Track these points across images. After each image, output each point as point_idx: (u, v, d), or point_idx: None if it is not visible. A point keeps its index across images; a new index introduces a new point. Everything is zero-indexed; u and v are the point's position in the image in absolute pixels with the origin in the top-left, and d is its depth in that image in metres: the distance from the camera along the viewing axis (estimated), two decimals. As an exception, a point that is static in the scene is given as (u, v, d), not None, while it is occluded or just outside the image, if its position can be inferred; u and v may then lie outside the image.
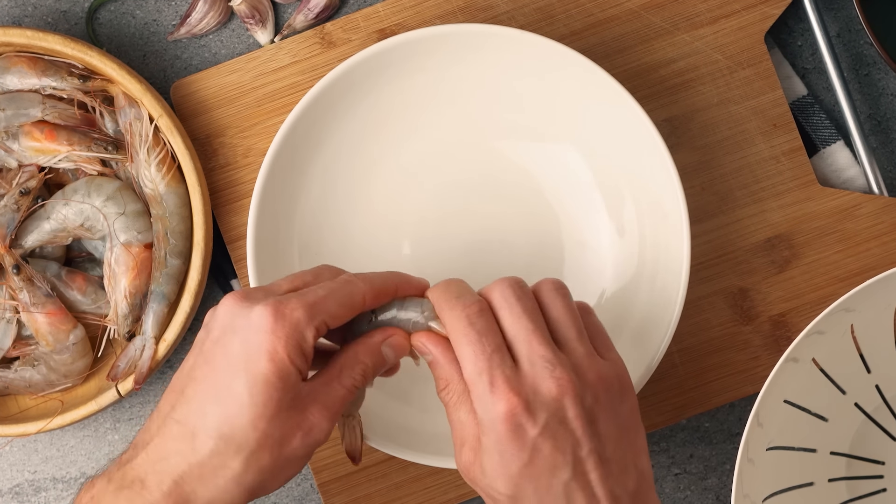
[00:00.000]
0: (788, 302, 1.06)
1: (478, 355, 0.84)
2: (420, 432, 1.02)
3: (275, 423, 0.82)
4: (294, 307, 0.83)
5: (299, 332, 0.83)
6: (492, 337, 0.84)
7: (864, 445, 1.04)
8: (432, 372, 0.87)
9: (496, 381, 0.83)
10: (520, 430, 0.83)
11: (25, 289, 1.02)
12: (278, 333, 0.82)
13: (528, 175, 1.04)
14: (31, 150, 1.02)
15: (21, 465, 1.08)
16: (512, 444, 0.83)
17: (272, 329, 0.82)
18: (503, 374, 0.83)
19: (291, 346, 0.82)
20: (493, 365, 0.83)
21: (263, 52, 1.05)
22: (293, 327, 0.83)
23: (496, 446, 0.83)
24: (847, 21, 1.09)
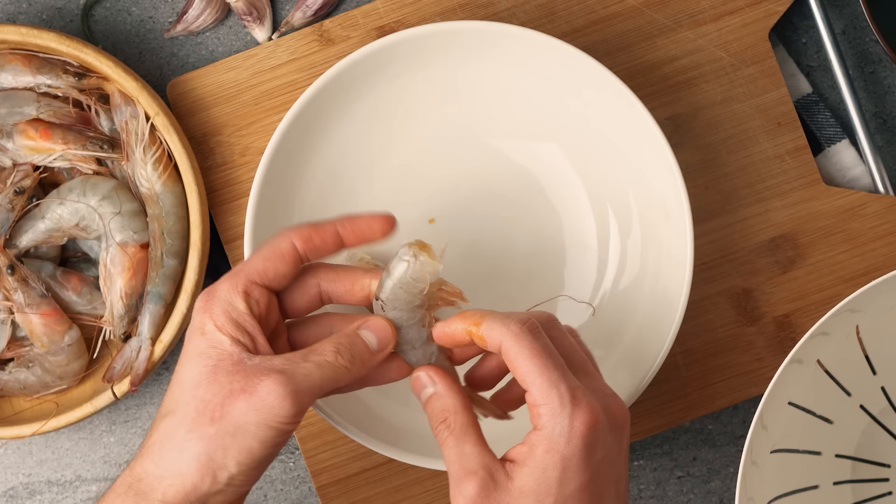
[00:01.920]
0: (793, 303, 1.06)
1: (551, 368, 0.81)
2: (420, 435, 1.02)
3: (210, 387, 0.82)
4: (219, 282, 0.85)
5: (226, 302, 0.84)
6: (557, 355, 0.83)
7: (869, 448, 1.04)
8: (428, 407, 0.86)
9: (577, 393, 0.81)
10: (592, 448, 0.81)
11: (20, 289, 1.01)
12: (205, 308, 0.84)
13: (528, 174, 1.04)
14: (26, 148, 1.02)
15: (16, 467, 1.08)
16: (581, 462, 0.81)
17: (201, 307, 0.84)
18: (580, 387, 0.81)
19: (219, 316, 0.83)
20: (569, 377, 0.81)
21: (261, 49, 1.05)
22: (219, 299, 0.84)
23: (561, 462, 0.80)
24: (852, 18, 1.08)
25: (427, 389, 0.86)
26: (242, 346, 0.83)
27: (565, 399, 0.81)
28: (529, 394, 0.82)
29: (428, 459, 1.00)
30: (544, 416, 0.81)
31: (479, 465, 0.82)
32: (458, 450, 0.83)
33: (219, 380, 0.82)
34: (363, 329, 0.86)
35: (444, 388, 0.85)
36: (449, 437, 0.84)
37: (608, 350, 1.02)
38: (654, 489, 1.08)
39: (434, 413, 0.85)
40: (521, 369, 0.82)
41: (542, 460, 0.81)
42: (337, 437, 1.06)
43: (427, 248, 0.85)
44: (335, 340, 0.85)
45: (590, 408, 0.81)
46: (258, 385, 0.81)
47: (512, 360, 0.82)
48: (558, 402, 0.81)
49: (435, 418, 0.85)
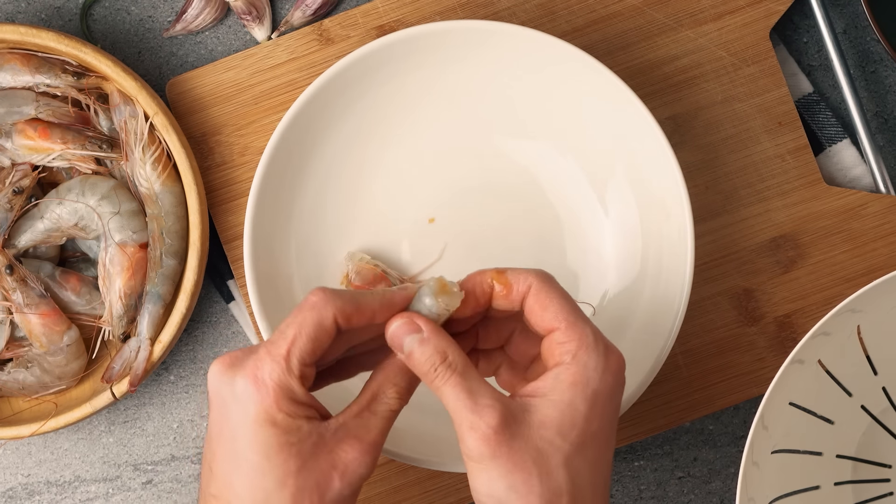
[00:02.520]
0: (794, 303, 1.06)
1: (579, 310, 0.83)
2: (420, 435, 1.02)
3: (303, 474, 0.81)
4: (268, 367, 0.81)
5: (284, 388, 0.81)
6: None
7: (870, 448, 1.04)
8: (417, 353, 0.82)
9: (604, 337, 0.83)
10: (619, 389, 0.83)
11: (19, 289, 1.01)
12: (264, 395, 0.81)
13: (529, 174, 1.04)
14: (25, 148, 1.02)
15: (14, 468, 1.08)
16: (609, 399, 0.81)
17: (254, 397, 0.81)
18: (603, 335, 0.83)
19: (282, 402, 0.81)
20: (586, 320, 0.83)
21: (260, 48, 1.05)
22: (274, 383, 0.81)
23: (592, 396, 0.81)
24: (853, 17, 1.08)
25: (413, 336, 0.82)
26: (316, 421, 0.82)
27: (599, 337, 0.82)
28: (560, 331, 0.82)
29: (428, 460, 1.00)
30: (576, 350, 0.81)
31: (493, 397, 0.81)
32: (465, 386, 0.81)
33: (308, 465, 0.81)
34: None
35: (433, 330, 0.83)
36: (453, 376, 0.82)
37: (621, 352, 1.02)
38: (655, 490, 1.08)
39: (427, 356, 0.82)
40: (552, 307, 0.82)
41: (570, 393, 0.81)
42: (336, 438, 1.05)
43: (445, 287, 0.84)
44: (395, 382, 0.84)
45: (618, 352, 0.83)
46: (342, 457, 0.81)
47: (543, 299, 0.83)
48: (592, 339, 0.82)
49: (429, 361, 0.82)
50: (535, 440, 0.81)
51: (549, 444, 0.81)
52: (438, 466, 1.00)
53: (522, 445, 0.80)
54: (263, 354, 0.82)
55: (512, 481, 0.80)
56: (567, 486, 0.81)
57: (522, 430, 0.81)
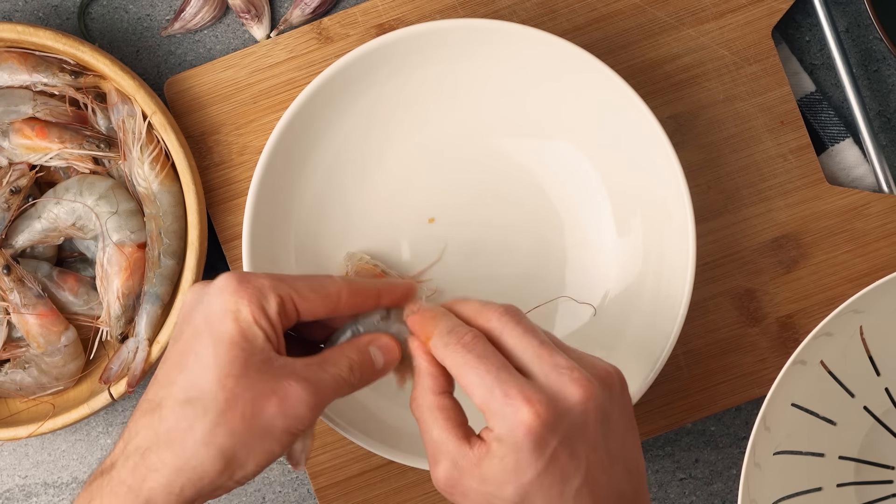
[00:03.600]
0: (796, 303, 1.06)
1: (483, 376, 0.81)
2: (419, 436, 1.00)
3: (243, 382, 0.80)
4: (258, 275, 0.83)
5: (263, 295, 0.82)
6: (494, 357, 0.82)
7: (873, 450, 1.04)
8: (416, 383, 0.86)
9: (511, 392, 0.81)
10: (541, 441, 0.81)
11: (16, 290, 1.01)
12: (241, 294, 0.81)
13: (529, 173, 1.04)
14: (22, 147, 1.02)
15: (11, 469, 1.08)
16: (531, 454, 0.81)
17: (235, 290, 0.82)
18: (517, 384, 0.81)
19: (255, 306, 0.81)
20: (503, 379, 0.81)
21: (259, 47, 1.05)
22: (256, 290, 0.82)
23: (512, 454, 0.81)
24: (856, 16, 1.08)
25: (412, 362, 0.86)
26: (272, 346, 0.82)
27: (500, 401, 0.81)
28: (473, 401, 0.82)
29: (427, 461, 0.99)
30: (490, 419, 0.81)
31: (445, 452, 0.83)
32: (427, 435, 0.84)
33: (250, 375, 0.80)
34: (374, 346, 0.86)
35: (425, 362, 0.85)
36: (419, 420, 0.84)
37: (610, 351, 1.02)
38: (656, 491, 1.08)
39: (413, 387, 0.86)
40: (461, 381, 0.83)
41: (498, 454, 0.81)
42: (336, 439, 1.05)
43: None
44: (348, 355, 0.85)
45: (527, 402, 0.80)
46: (288, 391, 0.81)
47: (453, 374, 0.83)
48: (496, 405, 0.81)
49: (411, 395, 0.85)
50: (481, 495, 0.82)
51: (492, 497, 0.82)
52: (438, 468, 1.00)
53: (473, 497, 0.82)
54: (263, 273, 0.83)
55: None
56: None
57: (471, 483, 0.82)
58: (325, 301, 0.84)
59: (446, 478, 0.82)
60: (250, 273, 0.83)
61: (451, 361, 0.83)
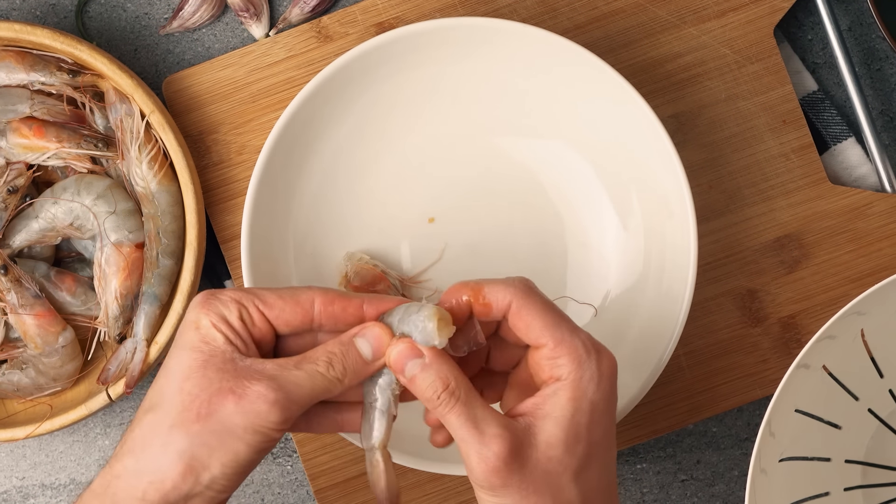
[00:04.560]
0: (798, 303, 1.06)
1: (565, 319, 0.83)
2: (420, 438, 1.00)
3: (200, 383, 0.81)
4: (227, 290, 0.84)
5: (223, 304, 0.83)
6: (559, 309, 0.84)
7: (879, 452, 1.04)
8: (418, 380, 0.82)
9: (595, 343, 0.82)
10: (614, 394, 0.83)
11: (13, 290, 1.01)
12: (205, 307, 0.83)
13: (530, 173, 1.04)
14: (19, 147, 1.02)
15: (9, 471, 1.08)
16: (607, 406, 0.82)
17: (200, 304, 0.83)
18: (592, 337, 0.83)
19: (214, 314, 0.82)
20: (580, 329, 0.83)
21: (258, 46, 1.05)
22: (218, 300, 0.83)
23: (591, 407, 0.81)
24: (858, 14, 1.08)
25: (415, 362, 0.82)
26: (235, 347, 0.82)
27: (588, 346, 0.82)
28: (546, 347, 0.81)
29: (427, 463, 1.00)
30: (568, 364, 0.81)
31: (499, 425, 0.80)
32: (470, 415, 0.81)
33: (208, 375, 0.81)
34: (358, 337, 0.84)
35: (436, 355, 0.82)
36: (457, 405, 0.81)
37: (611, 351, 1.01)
38: (658, 493, 1.07)
39: (429, 383, 0.82)
40: (536, 323, 0.82)
41: (570, 408, 0.81)
42: (335, 440, 1.05)
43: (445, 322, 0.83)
44: (328, 349, 0.83)
45: (609, 354, 0.83)
46: (248, 388, 0.80)
47: (524, 316, 0.82)
48: (583, 350, 0.81)
49: (431, 388, 0.81)
50: (544, 462, 0.81)
51: (557, 463, 0.81)
52: (439, 469, 1.00)
53: (532, 470, 0.81)
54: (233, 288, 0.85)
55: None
56: (579, 499, 0.81)
57: (531, 453, 0.81)
58: (294, 308, 0.83)
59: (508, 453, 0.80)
60: (219, 290, 0.84)
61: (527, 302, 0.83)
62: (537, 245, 1.04)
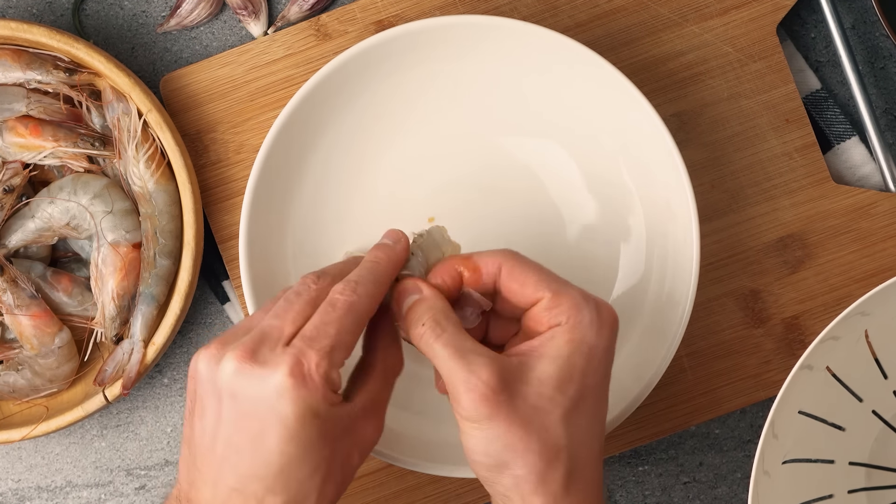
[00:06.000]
0: (802, 304, 1.06)
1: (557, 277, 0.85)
2: (418, 439, 1.02)
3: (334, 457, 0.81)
4: (316, 362, 0.80)
5: (330, 382, 0.81)
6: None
7: (883, 454, 1.04)
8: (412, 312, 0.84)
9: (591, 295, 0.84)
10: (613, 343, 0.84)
11: (9, 290, 1.01)
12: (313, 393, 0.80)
13: (530, 172, 1.04)
14: (15, 146, 1.02)
15: (4, 473, 1.08)
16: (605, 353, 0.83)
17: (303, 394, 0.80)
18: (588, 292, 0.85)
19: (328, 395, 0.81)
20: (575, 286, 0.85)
21: (256, 44, 1.05)
22: (323, 381, 0.80)
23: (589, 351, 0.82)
24: (862, 12, 1.08)
25: (412, 296, 0.85)
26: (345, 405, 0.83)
27: (587, 295, 0.83)
28: (546, 299, 0.83)
29: (427, 464, 1.00)
30: (568, 310, 0.82)
31: (487, 355, 0.81)
32: (456, 345, 0.82)
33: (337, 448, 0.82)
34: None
35: (432, 292, 0.84)
36: (443, 334, 0.82)
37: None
38: (660, 495, 1.07)
39: (418, 314, 0.83)
40: (530, 280, 0.83)
41: (567, 349, 0.82)
42: (334, 442, 1.04)
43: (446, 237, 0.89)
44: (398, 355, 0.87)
45: (609, 305, 0.84)
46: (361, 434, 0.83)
47: (518, 276, 0.84)
48: (582, 298, 0.83)
49: (419, 319, 0.83)
50: (533, 397, 0.81)
51: (548, 400, 0.81)
52: (438, 471, 1.00)
53: (520, 403, 0.81)
54: (305, 348, 0.81)
55: (510, 440, 0.81)
56: (565, 441, 0.82)
57: (520, 387, 0.81)
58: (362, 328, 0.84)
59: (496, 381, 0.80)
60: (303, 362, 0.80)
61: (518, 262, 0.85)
62: (538, 245, 1.03)
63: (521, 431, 0.80)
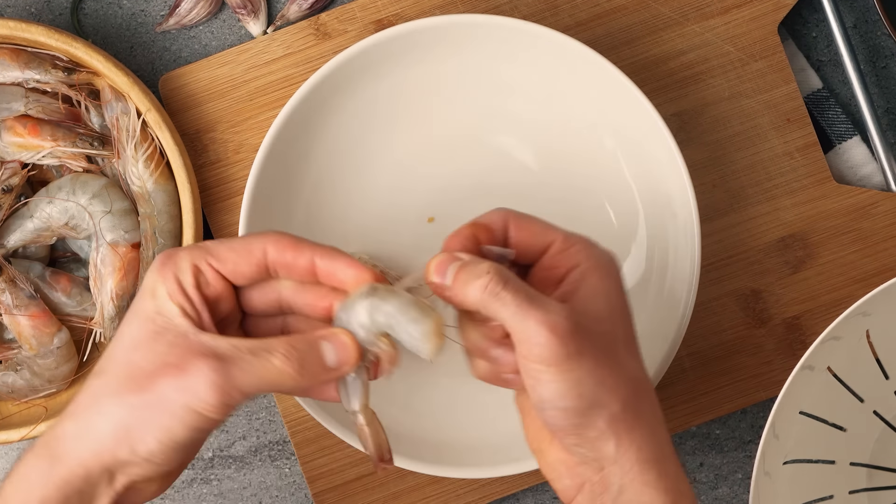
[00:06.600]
0: (803, 304, 1.06)
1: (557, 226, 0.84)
2: (419, 440, 1.01)
3: (147, 355, 0.79)
4: (181, 248, 0.82)
5: (179, 268, 0.81)
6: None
7: (884, 455, 1.03)
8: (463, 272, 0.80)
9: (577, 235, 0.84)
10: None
11: (8, 290, 1.01)
12: (160, 271, 0.81)
13: (530, 172, 1.04)
14: (14, 145, 1.02)
15: (3, 473, 1.07)
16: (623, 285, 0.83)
17: (157, 268, 0.81)
18: None
19: (171, 282, 0.80)
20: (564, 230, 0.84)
21: (256, 43, 1.05)
22: (174, 264, 0.81)
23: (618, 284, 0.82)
24: (863, 11, 1.08)
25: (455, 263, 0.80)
26: (190, 319, 0.80)
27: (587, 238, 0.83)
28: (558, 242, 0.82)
29: (427, 465, 1.00)
30: (584, 249, 0.82)
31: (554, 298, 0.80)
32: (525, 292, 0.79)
33: (156, 348, 0.79)
34: (325, 341, 0.81)
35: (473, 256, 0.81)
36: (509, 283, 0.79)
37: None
38: (660, 496, 1.07)
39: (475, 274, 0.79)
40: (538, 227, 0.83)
41: (602, 285, 0.81)
42: (334, 443, 1.05)
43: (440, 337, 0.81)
44: (290, 343, 0.80)
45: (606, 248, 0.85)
46: (191, 366, 0.78)
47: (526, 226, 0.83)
48: (587, 240, 0.83)
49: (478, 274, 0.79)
50: (600, 334, 0.80)
51: (611, 336, 0.81)
52: (438, 472, 1.00)
53: (597, 340, 0.80)
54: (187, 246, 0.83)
55: (600, 375, 0.79)
56: (638, 371, 0.82)
57: (591, 325, 0.80)
58: (248, 259, 0.81)
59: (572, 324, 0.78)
60: (177, 248, 0.82)
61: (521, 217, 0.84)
62: (538, 245, 1.03)
63: (608, 366, 0.79)
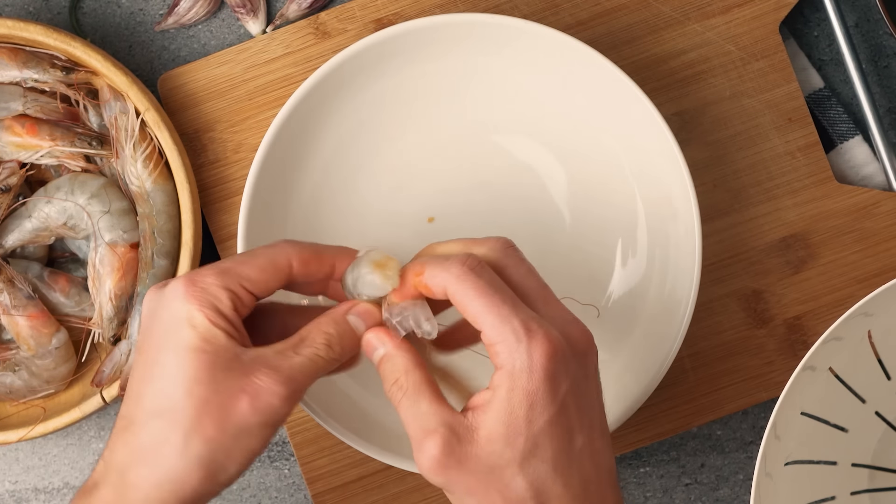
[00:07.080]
0: (804, 304, 1.05)
1: (500, 304, 0.80)
2: None
3: (211, 386, 0.80)
4: (205, 273, 0.82)
5: (212, 295, 0.81)
6: (505, 288, 0.81)
7: (886, 456, 1.03)
8: (380, 369, 0.84)
9: (531, 325, 0.79)
10: (555, 380, 0.80)
11: (6, 290, 1.01)
12: (191, 299, 0.81)
13: (530, 171, 1.03)
14: (12, 145, 1.01)
15: (1, 475, 1.08)
16: (547, 394, 0.79)
17: (185, 297, 0.81)
18: (536, 318, 0.80)
19: (208, 307, 0.81)
20: (521, 310, 0.80)
21: (255, 42, 1.05)
22: (205, 290, 0.81)
23: (525, 396, 0.79)
24: (865, 10, 1.08)
25: (378, 351, 0.84)
26: (236, 341, 0.81)
27: (520, 332, 0.80)
28: (484, 334, 0.81)
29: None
30: (502, 353, 0.80)
31: (438, 422, 0.80)
32: (413, 410, 0.81)
33: (217, 378, 0.80)
34: (352, 314, 0.84)
35: (394, 347, 0.83)
36: (403, 399, 0.82)
37: (613, 353, 1.01)
38: (661, 497, 1.07)
39: (386, 375, 0.83)
40: (469, 310, 0.81)
41: (507, 400, 0.80)
42: (333, 444, 1.05)
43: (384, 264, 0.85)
44: (325, 330, 0.83)
45: (547, 337, 0.80)
46: (255, 381, 0.80)
47: (459, 302, 0.81)
48: (513, 337, 0.80)
49: (387, 380, 0.83)
50: (485, 457, 0.80)
51: (499, 457, 0.80)
52: (438, 473, 0.99)
53: (473, 466, 0.80)
54: (207, 266, 0.83)
55: (473, 502, 0.81)
56: (529, 492, 0.80)
57: (470, 450, 0.80)
58: (276, 276, 0.83)
59: (441, 451, 0.80)
60: (196, 273, 0.82)
61: (460, 288, 0.81)
62: (539, 245, 1.03)
63: (480, 494, 0.80)
